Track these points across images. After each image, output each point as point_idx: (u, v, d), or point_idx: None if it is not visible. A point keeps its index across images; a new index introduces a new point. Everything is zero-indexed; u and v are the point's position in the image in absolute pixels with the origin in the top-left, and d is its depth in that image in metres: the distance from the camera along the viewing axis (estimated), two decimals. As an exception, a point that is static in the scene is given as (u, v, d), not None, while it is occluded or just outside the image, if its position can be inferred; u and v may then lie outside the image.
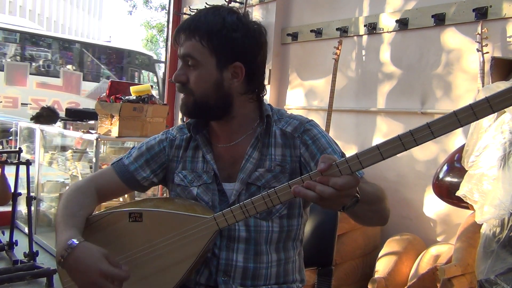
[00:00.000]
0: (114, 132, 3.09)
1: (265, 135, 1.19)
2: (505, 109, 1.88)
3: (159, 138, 1.28)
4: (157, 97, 3.70)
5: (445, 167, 2.28)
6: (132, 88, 3.27)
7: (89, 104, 6.21)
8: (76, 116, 3.82)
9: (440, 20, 2.61)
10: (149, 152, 1.26)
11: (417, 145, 0.82)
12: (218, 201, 1.17)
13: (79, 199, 1.19)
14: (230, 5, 3.66)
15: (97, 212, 1.21)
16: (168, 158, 1.26)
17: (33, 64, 9.64)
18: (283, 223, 1.17)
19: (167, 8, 5.04)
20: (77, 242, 1.03)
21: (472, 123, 2.10)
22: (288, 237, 1.20)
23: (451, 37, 2.61)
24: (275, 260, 1.18)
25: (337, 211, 0.93)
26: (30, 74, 8.56)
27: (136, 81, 11.17)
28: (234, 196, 1.16)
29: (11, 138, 8.44)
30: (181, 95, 1.18)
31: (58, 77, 9.26)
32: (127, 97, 3.16)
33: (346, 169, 0.85)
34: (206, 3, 4.03)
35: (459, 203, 2.10)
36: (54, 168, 3.92)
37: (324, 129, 1.24)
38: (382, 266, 2.32)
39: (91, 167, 3.37)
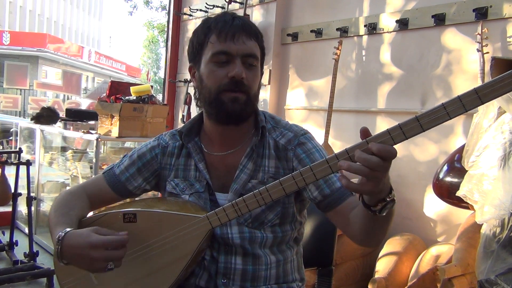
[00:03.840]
0: (114, 132, 3.10)
1: (259, 145, 1.18)
2: (506, 109, 1.88)
3: (151, 145, 1.27)
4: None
5: (445, 167, 2.27)
6: (132, 88, 3.28)
7: None
8: (76, 116, 3.83)
9: (440, 20, 2.61)
10: (140, 160, 1.25)
11: (407, 139, 0.81)
12: (210, 210, 1.16)
13: (70, 201, 1.19)
14: (230, 5, 3.66)
15: (95, 213, 1.21)
16: (160, 166, 1.25)
17: None
18: (276, 230, 1.18)
19: (167, 9, 5.04)
20: (63, 233, 1.03)
21: (472, 123, 2.10)
22: (282, 241, 1.20)
23: (451, 37, 2.61)
24: (274, 261, 1.18)
25: (373, 212, 0.90)
26: None
27: None
28: None
29: (11, 138, 8.45)
30: (222, 94, 1.11)
31: None
32: (127, 97, 3.17)
33: (334, 166, 0.86)
34: (206, 3, 4.03)
35: (459, 203, 2.10)
36: (55, 169, 3.93)
37: (324, 131, 1.24)
38: (382, 266, 2.32)
39: (91, 167, 3.37)
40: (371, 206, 0.90)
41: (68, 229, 1.04)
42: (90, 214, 1.22)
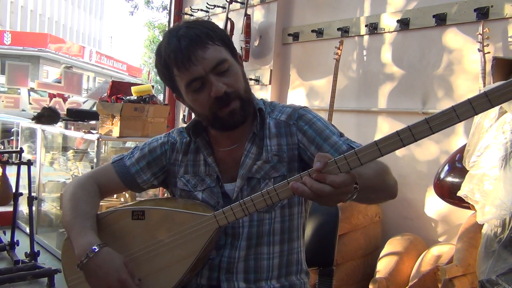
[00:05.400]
0: (115, 132, 3.10)
1: (260, 129, 1.18)
2: (507, 109, 1.88)
3: (161, 141, 1.28)
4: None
5: (446, 167, 2.27)
6: (133, 88, 3.28)
7: None
8: (77, 116, 3.83)
9: (441, 20, 2.61)
10: (151, 155, 1.26)
11: (416, 141, 0.80)
12: (223, 204, 1.16)
13: (87, 197, 1.20)
14: (231, 5, 3.66)
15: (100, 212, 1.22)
16: (169, 162, 1.25)
17: None
18: (285, 212, 1.18)
19: (168, 9, 5.04)
20: (98, 248, 1.05)
21: (473, 123, 2.10)
22: (292, 226, 1.19)
23: (452, 37, 2.60)
24: (277, 251, 1.17)
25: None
26: None
27: None
28: (236, 193, 1.16)
29: (12, 138, 8.45)
30: (214, 111, 1.10)
31: None
32: (128, 97, 3.17)
33: (344, 166, 0.83)
34: (207, 3, 4.04)
35: (460, 203, 2.10)
36: (56, 168, 3.93)
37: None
38: (383, 266, 2.31)
39: (92, 167, 3.37)
40: None
41: (104, 245, 1.06)
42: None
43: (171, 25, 4.59)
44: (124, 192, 3.31)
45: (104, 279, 1.02)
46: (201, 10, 4.14)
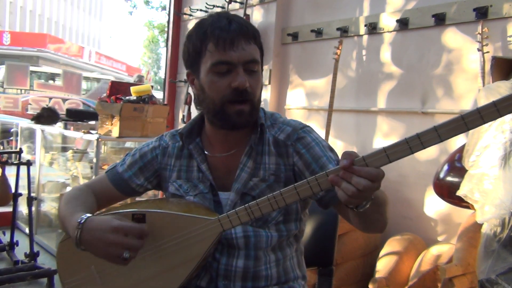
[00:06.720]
0: (115, 132, 3.10)
1: (258, 143, 1.16)
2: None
3: (152, 145, 1.27)
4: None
5: (446, 167, 2.27)
6: (132, 89, 3.28)
7: None
8: (77, 117, 3.83)
9: (440, 19, 2.61)
10: (142, 160, 1.25)
11: (424, 148, 0.82)
12: (214, 211, 1.15)
13: (81, 196, 1.20)
14: (230, 5, 3.66)
15: (99, 213, 1.21)
16: (160, 166, 1.24)
17: None
18: (281, 228, 1.16)
19: (167, 9, 5.04)
20: (85, 217, 1.03)
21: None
22: (288, 239, 1.20)
23: (451, 37, 2.60)
24: (273, 260, 1.17)
25: (351, 208, 0.92)
26: None
27: None
28: (230, 207, 1.14)
29: (11, 138, 8.44)
30: (221, 106, 1.09)
31: None
32: (127, 97, 3.17)
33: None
34: (206, 3, 4.03)
35: (460, 202, 2.10)
36: (55, 169, 3.93)
37: (324, 130, 1.23)
38: (383, 266, 2.32)
39: (91, 168, 3.38)
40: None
41: (89, 214, 1.05)
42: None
43: (171, 25, 4.58)
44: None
45: (102, 239, 0.98)
46: (200, 10, 4.14)
